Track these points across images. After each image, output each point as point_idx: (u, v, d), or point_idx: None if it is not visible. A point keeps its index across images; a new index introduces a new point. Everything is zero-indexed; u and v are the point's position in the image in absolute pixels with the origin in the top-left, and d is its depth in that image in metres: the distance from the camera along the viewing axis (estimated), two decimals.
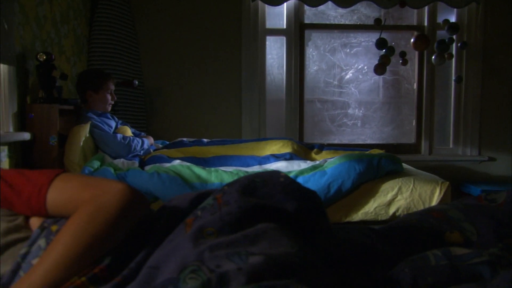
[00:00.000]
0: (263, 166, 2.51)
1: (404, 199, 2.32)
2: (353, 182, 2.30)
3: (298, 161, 2.52)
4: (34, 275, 0.66)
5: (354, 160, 2.36)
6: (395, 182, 2.36)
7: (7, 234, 0.76)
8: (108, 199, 0.74)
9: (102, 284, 0.68)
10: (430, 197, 2.34)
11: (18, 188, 0.79)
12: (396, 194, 2.33)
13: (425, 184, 2.35)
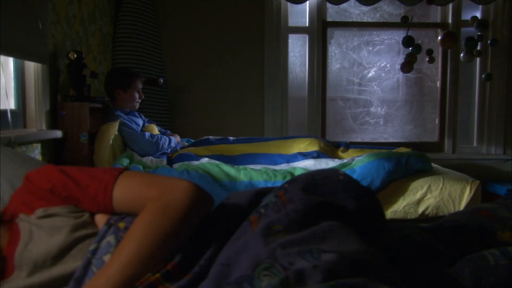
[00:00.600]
0: (291, 164, 2.51)
1: (434, 197, 2.30)
2: (382, 180, 2.28)
3: (326, 159, 2.52)
4: (109, 271, 0.67)
5: (383, 158, 2.35)
6: (424, 180, 2.33)
7: (76, 230, 0.77)
8: (176, 196, 0.75)
9: (175, 281, 0.69)
10: (460, 196, 2.32)
11: (84, 185, 0.81)
12: (426, 193, 2.31)
13: (455, 182, 2.32)
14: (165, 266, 0.70)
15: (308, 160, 2.52)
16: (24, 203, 0.83)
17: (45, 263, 0.74)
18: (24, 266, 0.74)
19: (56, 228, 0.76)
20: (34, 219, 0.79)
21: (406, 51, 3.44)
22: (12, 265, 0.75)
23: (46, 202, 0.81)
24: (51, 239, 0.75)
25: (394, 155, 2.38)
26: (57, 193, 0.81)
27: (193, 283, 0.68)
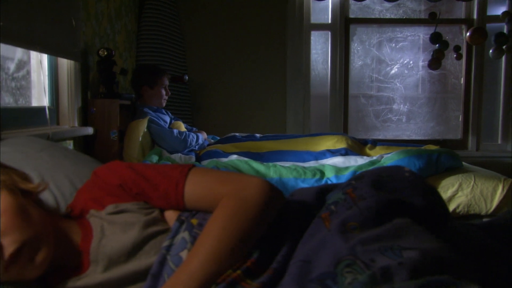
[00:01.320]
0: (320, 162, 2.50)
1: (465, 195, 2.27)
2: None
3: (355, 157, 2.51)
4: (191, 267, 0.67)
5: (414, 156, 2.33)
6: (455, 178, 2.31)
7: (148, 226, 0.77)
8: (251, 193, 0.75)
9: (255, 277, 0.69)
10: (492, 194, 2.29)
11: (154, 182, 0.81)
12: (457, 191, 2.29)
13: (487, 180, 2.29)
14: (244, 262, 0.70)
15: (336, 157, 2.51)
16: (93, 199, 0.83)
17: (119, 259, 0.75)
18: (100, 261, 0.75)
19: (128, 224, 0.77)
20: (104, 215, 0.80)
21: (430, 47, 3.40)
22: (87, 260, 0.76)
23: (117, 198, 0.81)
24: (124, 235, 0.76)
25: (424, 153, 2.36)
26: (128, 190, 0.81)
27: (273, 279, 0.68)
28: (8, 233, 0.67)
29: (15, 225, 0.68)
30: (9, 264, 0.67)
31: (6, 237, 0.67)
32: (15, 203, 0.71)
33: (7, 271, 0.67)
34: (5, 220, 0.68)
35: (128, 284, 0.74)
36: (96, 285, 0.74)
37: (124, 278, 0.74)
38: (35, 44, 1.78)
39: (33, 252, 0.69)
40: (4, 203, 0.69)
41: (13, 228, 0.68)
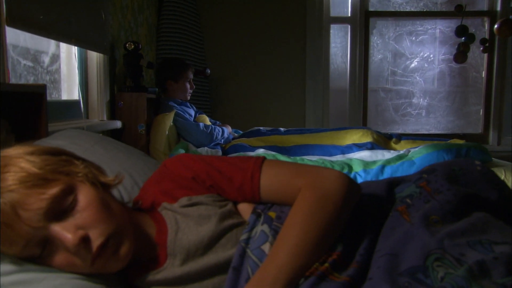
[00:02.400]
0: (346, 156, 2.49)
1: None
2: None
3: (381, 151, 2.49)
4: (278, 260, 0.66)
5: (442, 150, 2.31)
6: None
7: (223, 219, 0.77)
8: (331, 185, 0.74)
9: (341, 270, 0.68)
10: None
11: (228, 174, 0.80)
12: None
13: None
14: (330, 255, 0.69)
15: (363, 151, 2.50)
16: (164, 191, 0.83)
17: (197, 252, 0.74)
18: (177, 254, 0.74)
19: (204, 217, 0.76)
20: (178, 207, 0.79)
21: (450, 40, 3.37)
22: (164, 254, 0.75)
23: (189, 191, 0.80)
24: (200, 228, 0.75)
25: (453, 147, 2.34)
26: (201, 182, 0.81)
27: (360, 272, 0.67)
28: (94, 226, 0.67)
29: (101, 218, 0.68)
30: (96, 257, 0.66)
31: (93, 230, 0.66)
32: (98, 196, 0.70)
33: (93, 264, 0.67)
34: (91, 213, 0.67)
35: (206, 277, 0.74)
36: (176, 278, 0.73)
37: (202, 271, 0.73)
38: (71, 37, 1.77)
39: (117, 245, 0.69)
40: (88, 196, 0.69)
41: (99, 221, 0.67)
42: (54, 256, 0.66)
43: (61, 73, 2.08)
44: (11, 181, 0.64)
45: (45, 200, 0.64)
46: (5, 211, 0.62)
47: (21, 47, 1.65)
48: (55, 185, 0.66)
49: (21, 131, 1.27)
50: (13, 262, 0.65)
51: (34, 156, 0.69)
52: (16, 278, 0.63)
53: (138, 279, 0.76)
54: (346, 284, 0.65)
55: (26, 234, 0.63)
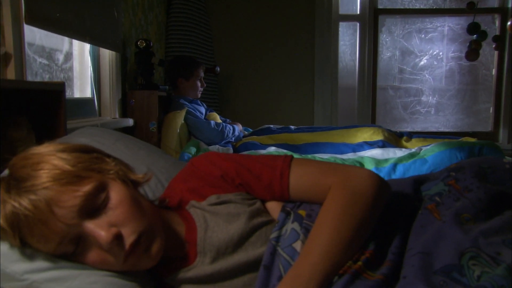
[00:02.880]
0: (358, 154, 2.48)
1: None
2: None
3: (393, 149, 2.48)
4: (312, 258, 0.66)
5: (455, 148, 2.30)
6: None
7: (253, 217, 0.76)
8: (361, 183, 0.73)
9: (374, 269, 0.68)
10: None
11: (257, 172, 0.80)
12: None
13: None
14: (362, 253, 0.69)
15: (375, 150, 2.49)
16: (191, 190, 0.83)
17: (227, 250, 0.74)
18: (207, 252, 0.74)
19: (233, 215, 0.76)
20: (206, 205, 0.79)
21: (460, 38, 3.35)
22: (194, 251, 0.75)
23: (218, 189, 0.80)
24: (230, 226, 0.75)
25: (465, 145, 2.33)
26: (229, 180, 0.80)
27: (393, 271, 0.67)
28: (127, 223, 0.67)
29: (133, 216, 0.68)
30: (129, 254, 0.66)
31: (125, 227, 0.66)
32: (130, 193, 0.70)
33: (125, 262, 0.67)
34: (123, 210, 0.67)
35: (237, 276, 0.73)
36: (207, 276, 0.73)
37: (232, 269, 0.73)
38: (85, 35, 1.77)
39: (149, 243, 0.69)
40: (120, 194, 0.69)
41: (131, 218, 0.67)
42: (87, 253, 0.66)
43: (74, 71, 2.09)
44: (45, 178, 0.64)
45: (79, 197, 0.64)
46: (40, 208, 0.62)
47: (37, 45, 1.66)
48: (88, 183, 0.66)
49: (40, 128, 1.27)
50: (48, 259, 0.65)
51: (65, 153, 0.69)
52: (51, 275, 0.64)
53: (168, 276, 0.76)
54: (380, 282, 0.65)
55: (61, 231, 0.63)
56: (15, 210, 0.62)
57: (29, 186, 0.63)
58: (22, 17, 1.33)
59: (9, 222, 0.62)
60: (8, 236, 0.63)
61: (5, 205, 0.62)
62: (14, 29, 1.29)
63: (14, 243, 0.64)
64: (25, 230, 0.63)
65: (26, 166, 0.66)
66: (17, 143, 1.14)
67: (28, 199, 0.62)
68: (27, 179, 0.64)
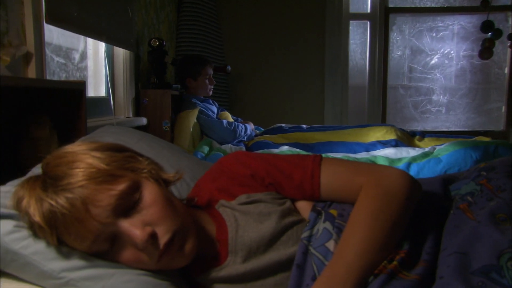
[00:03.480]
0: (371, 153, 2.47)
1: None
2: None
3: (406, 148, 2.47)
4: (346, 258, 0.66)
5: (470, 147, 2.29)
6: None
7: (284, 217, 0.76)
8: (393, 182, 0.73)
9: (410, 269, 0.67)
10: None
11: (287, 172, 0.80)
12: None
13: None
14: (397, 253, 0.68)
15: (388, 149, 2.47)
16: (220, 189, 0.82)
17: (258, 249, 0.73)
18: (239, 252, 0.74)
19: (264, 215, 0.75)
20: (236, 205, 0.79)
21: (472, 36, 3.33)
22: (225, 251, 0.75)
23: (248, 188, 0.80)
24: (261, 226, 0.75)
25: (480, 144, 2.31)
26: (259, 180, 0.80)
27: (429, 271, 0.67)
28: (161, 222, 0.67)
29: (167, 215, 0.68)
30: (163, 253, 0.66)
31: (159, 226, 0.66)
32: (163, 193, 0.70)
33: (159, 261, 0.67)
34: (157, 209, 0.67)
35: (269, 275, 0.73)
36: (239, 275, 0.73)
37: (264, 269, 0.73)
38: (101, 34, 1.78)
39: (182, 242, 0.68)
40: (153, 193, 0.68)
41: (165, 217, 0.67)
42: (121, 252, 0.66)
43: (88, 70, 2.09)
44: (81, 177, 0.64)
45: (114, 196, 0.64)
46: (76, 207, 0.62)
47: (54, 45, 1.66)
48: (122, 182, 0.66)
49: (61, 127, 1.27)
50: (84, 258, 0.65)
51: (99, 152, 0.69)
52: (87, 273, 0.64)
53: (200, 276, 0.75)
54: (416, 282, 0.64)
55: (95, 230, 0.63)
56: (52, 208, 0.62)
57: (65, 184, 0.63)
58: (42, 16, 1.34)
59: (46, 220, 0.62)
60: (46, 234, 0.63)
61: (43, 203, 0.62)
62: (35, 28, 1.30)
63: (51, 241, 0.64)
64: (62, 228, 0.63)
65: (61, 165, 0.66)
66: (39, 142, 1.14)
67: (64, 198, 0.62)
68: (63, 177, 0.64)
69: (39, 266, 0.63)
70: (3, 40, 1.19)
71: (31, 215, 0.63)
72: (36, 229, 0.64)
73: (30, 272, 0.64)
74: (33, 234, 0.65)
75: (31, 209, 0.63)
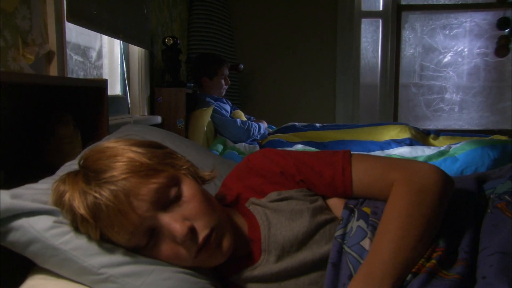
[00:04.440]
0: (385, 152, 2.45)
1: None
2: (488, 169, 2.20)
3: (421, 147, 2.45)
4: (383, 256, 0.65)
5: (487, 146, 2.26)
6: None
7: (316, 214, 0.75)
8: (426, 178, 0.72)
9: (448, 267, 0.66)
10: None
11: (317, 168, 0.79)
12: None
13: None
14: (434, 251, 0.67)
15: (403, 147, 2.46)
16: (249, 187, 0.82)
17: (292, 248, 0.73)
18: (272, 250, 0.73)
19: (296, 212, 0.75)
20: (266, 202, 0.78)
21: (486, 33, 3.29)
22: (258, 250, 0.74)
23: (278, 185, 0.79)
24: (294, 224, 0.74)
25: (498, 143, 2.29)
26: (289, 177, 0.79)
27: (469, 270, 0.65)
28: (200, 217, 0.66)
29: (205, 210, 0.67)
30: (201, 249, 0.66)
31: (198, 221, 0.66)
32: (200, 189, 0.70)
33: (197, 257, 0.66)
34: (196, 205, 0.67)
35: (303, 274, 0.72)
36: (273, 274, 0.72)
37: (299, 268, 0.72)
38: (119, 32, 1.78)
39: (220, 238, 0.68)
40: (192, 189, 0.69)
41: (203, 213, 0.67)
42: (159, 246, 0.66)
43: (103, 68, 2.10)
44: (124, 170, 0.64)
45: (155, 190, 0.65)
46: (120, 199, 0.62)
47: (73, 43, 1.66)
48: (163, 176, 0.67)
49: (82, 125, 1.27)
50: (124, 254, 0.65)
51: (139, 148, 0.69)
52: (127, 270, 0.64)
53: (233, 275, 0.75)
54: (457, 281, 0.63)
55: (136, 223, 0.63)
56: (97, 200, 0.62)
57: (108, 177, 0.63)
58: (64, 15, 1.34)
59: (91, 213, 0.62)
60: (89, 227, 0.63)
61: (87, 196, 0.62)
62: (57, 27, 1.30)
63: (93, 235, 0.64)
64: (105, 221, 0.63)
65: (102, 159, 0.66)
66: (64, 140, 1.14)
67: (108, 190, 0.62)
68: (106, 170, 0.64)
69: (79, 261, 0.63)
70: (26, 38, 1.19)
71: (76, 208, 0.63)
72: (79, 223, 0.64)
73: (69, 268, 0.64)
74: (74, 229, 0.65)
75: (75, 202, 0.63)
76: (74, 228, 0.65)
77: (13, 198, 0.64)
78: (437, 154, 2.34)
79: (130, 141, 0.70)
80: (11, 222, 0.63)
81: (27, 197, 0.67)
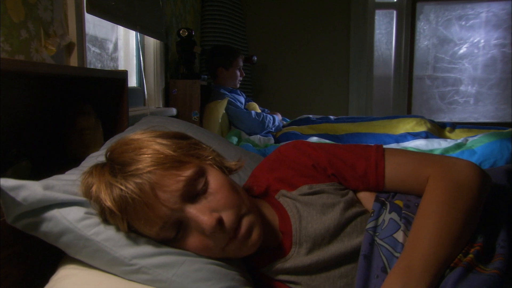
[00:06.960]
0: (401, 144, 2.42)
1: None
2: (507, 162, 2.16)
3: (438, 140, 2.42)
4: (422, 250, 0.63)
5: (506, 138, 2.22)
6: None
7: (347, 208, 0.74)
8: (463, 174, 0.71)
9: (486, 262, 0.65)
10: None
11: (350, 162, 0.78)
12: None
13: None
14: (472, 246, 0.66)
15: (418, 140, 2.43)
16: (280, 179, 0.81)
17: (323, 241, 0.72)
18: (303, 243, 0.73)
19: (328, 206, 0.74)
20: (297, 195, 0.77)
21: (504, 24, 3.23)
22: (289, 242, 0.74)
23: (310, 179, 0.78)
24: (325, 217, 0.73)
25: None
26: (321, 170, 0.79)
27: (507, 265, 0.64)
28: (227, 208, 0.66)
29: (233, 201, 0.67)
30: (232, 239, 0.65)
31: (226, 212, 0.65)
32: (227, 180, 0.69)
33: (226, 248, 0.66)
34: (223, 196, 0.66)
35: (333, 267, 0.72)
36: (305, 267, 0.71)
37: (330, 261, 0.71)
38: (136, 24, 1.77)
39: (249, 229, 0.67)
40: (218, 180, 0.68)
41: (231, 204, 0.66)
42: (187, 238, 0.66)
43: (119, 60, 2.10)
44: (149, 163, 0.63)
45: (181, 182, 0.64)
46: (145, 191, 0.61)
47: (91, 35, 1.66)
48: (189, 168, 0.66)
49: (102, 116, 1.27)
50: (154, 245, 0.65)
51: (164, 139, 0.68)
52: (158, 261, 0.64)
53: (264, 267, 0.74)
54: (496, 276, 0.62)
55: (164, 215, 0.63)
56: (122, 193, 0.61)
57: (134, 170, 0.63)
58: (83, 6, 1.33)
59: (117, 205, 0.62)
60: (117, 219, 0.63)
61: (113, 188, 0.62)
62: (77, 18, 1.29)
63: (121, 227, 0.64)
64: (132, 214, 0.62)
65: (127, 151, 0.66)
66: (86, 131, 1.15)
67: (134, 183, 0.62)
68: (131, 163, 0.64)
69: (111, 252, 0.63)
70: (48, 30, 1.19)
71: (103, 200, 0.63)
72: (107, 215, 0.64)
73: (101, 259, 0.64)
74: (103, 220, 0.65)
75: (102, 194, 0.63)
76: (102, 219, 0.65)
77: (45, 189, 0.64)
78: (454, 146, 2.31)
79: (155, 132, 0.70)
80: (44, 213, 0.63)
81: (58, 188, 0.67)
